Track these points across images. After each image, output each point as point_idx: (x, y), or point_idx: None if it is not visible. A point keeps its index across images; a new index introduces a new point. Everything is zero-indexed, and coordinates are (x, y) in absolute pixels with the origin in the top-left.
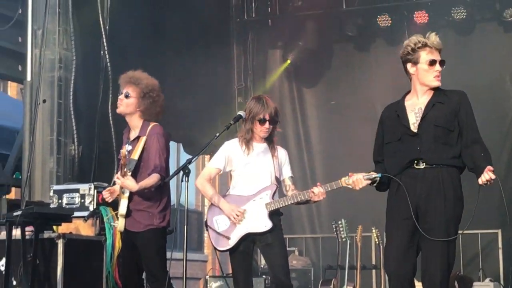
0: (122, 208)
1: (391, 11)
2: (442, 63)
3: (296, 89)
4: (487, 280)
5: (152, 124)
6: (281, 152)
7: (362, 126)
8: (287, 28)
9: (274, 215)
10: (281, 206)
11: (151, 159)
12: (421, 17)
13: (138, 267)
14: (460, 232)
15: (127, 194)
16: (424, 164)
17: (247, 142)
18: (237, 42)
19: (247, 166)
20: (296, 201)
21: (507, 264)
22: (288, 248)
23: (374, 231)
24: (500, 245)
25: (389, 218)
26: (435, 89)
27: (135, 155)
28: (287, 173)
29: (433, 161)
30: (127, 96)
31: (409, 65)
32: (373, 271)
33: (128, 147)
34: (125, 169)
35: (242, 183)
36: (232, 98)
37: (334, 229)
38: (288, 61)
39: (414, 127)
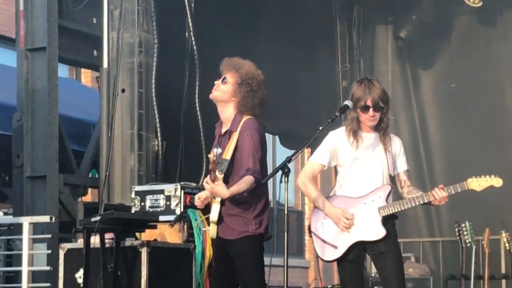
0: (214, 214)
1: None
2: None
3: (410, 71)
4: None
5: (245, 118)
6: (395, 142)
7: (490, 114)
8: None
9: (388, 220)
10: (397, 211)
11: (244, 159)
12: None
13: (233, 280)
14: None
15: (219, 199)
16: None
17: (355, 133)
18: (341, 18)
19: (356, 161)
20: (413, 205)
21: None
22: (403, 254)
23: (504, 234)
24: None
25: None
26: None
27: (227, 155)
28: (402, 166)
29: None
30: (224, 81)
31: None
32: (503, 281)
33: (217, 150)
34: (216, 173)
35: (350, 182)
36: (335, 82)
37: (457, 233)
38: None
39: None
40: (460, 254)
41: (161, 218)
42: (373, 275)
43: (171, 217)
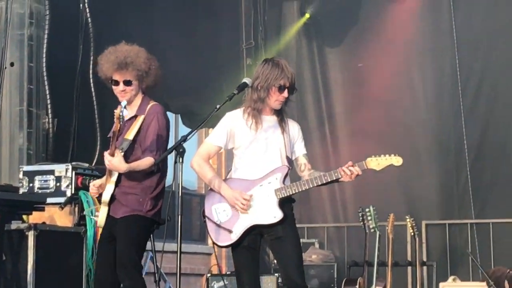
0: (106, 194)
1: None
2: None
3: (316, 49)
4: None
5: (152, 103)
6: (294, 127)
7: (397, 93)
8: None
9: (285, 203)
10: (294, 192)
11: (147, 141)
12: None
13: (115, 263)
14: (509, 221)
15: (114, 178)
16: None
17: (255, 115)
18: None
19: (253, 144)
20: (313, 185)
21: None
22: (306, 240)
23: (408, 220)
24: None
25: None
26: None
27: (130, 135)
28: (300, 150)
29: None
30: (129, 84)
31: None
32: (408, 268)
33: (124, 111)
34: (116, 147)
35: (247, 165)
36: (239, 59)
37: (361, 218)
38: (307, 15)
39: None
40: (364, 240)
41: (50, 200)
42: (275, 262)
43: (61, 199)
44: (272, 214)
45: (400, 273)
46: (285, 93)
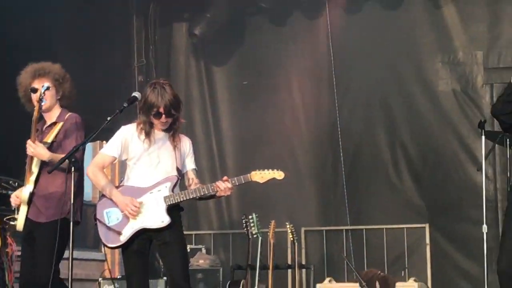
0: (25, 192)
1: None
2: None
3: (204, 68)
4: (411, 280)
5: (70, 113)
6: (185, 142)
7: (278, 110)
8: None
9: (173, 210)
10: (182, 200)
11: (66, 143)
12: None
13: None
14: (383, 227)
15: (33, 178)
16: None
17: (148, 130)
18: (137, 14)
19: (145, 156)
20: (199, 195)
21: (435, 263)
22: (194, 246)
23: (288, 226)
24: (427, 241)
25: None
26: None
27: (49, 138)
28: (190, 165)
29: None
30: (47, 89)
31: None
32: (288, 271)
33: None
34: (36, 137)
35: (139, 174)
36: (131, 77)
37: (244, 225)
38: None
39: None
40: (248, 245)
41: None
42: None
43: None
44: (160, 219)
45: (281, 276)
46: (162, 118)
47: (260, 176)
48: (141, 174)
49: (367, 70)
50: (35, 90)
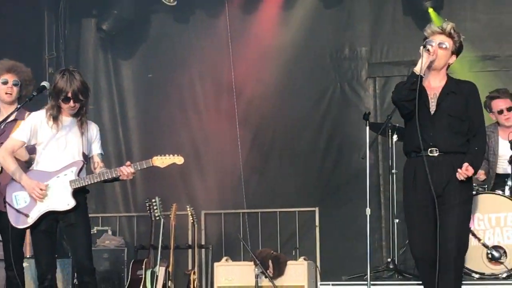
0: None
1: None
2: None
3: (111, 61)
4: (301, 259)
5: (29, 112)
6: (92, 128)
7: (181, 101)
8: None
9: (79, 193)
10: (87, 183)
11: None
12: None
13: None
14: (277, 210)
15: None
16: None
17: (56, 116)
18: (49, 9)
19: (53, 141)
20: (103, 179)
21: (323, 243)
22: (101, 228)
23: (189, 209)
24: (317, 223)
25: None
26: (448, 77)
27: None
28: (96, 150)
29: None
30: (16, 84)
31: None
32: (189, 250)
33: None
34: None
35: (47, 159)
36: (42, 69)
37: (148, 208)
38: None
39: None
40: (151, 227)
41: None
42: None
43: None
44: (66, 202)
45: (181, 255)
46: (71, 103)
47: (161, 161)
48: (49, 159)
49: (263, 65)
50: (6, 82)
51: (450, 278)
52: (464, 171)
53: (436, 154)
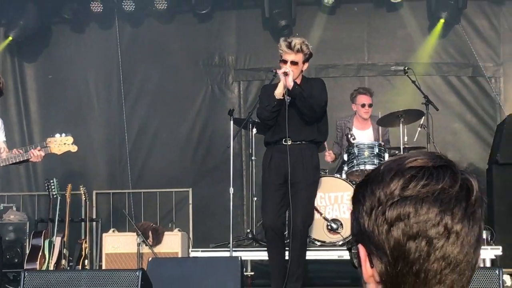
0: None
1: None
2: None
3: (17, 64)
4: (176, 230)
5: None
6: None
7: (77, 98)
8: (11, 8)
9: None
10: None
11: None
12: (128, 5)
13: None
14: (157, 190)
15: None
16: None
17: None
18: None
19: None
20: (16, 161)
21: (195, 217)
22: (6, 204)
23: (82, 189)
24: (190, 201)
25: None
26: (302, 78)
27: None
28: (0, 137)
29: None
30: None
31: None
32: (82, 223)
33: None
34: None
35: None
36: None
37: (47, 187)
38: (10, 38)
39: None
40: (49, 204)
41: None
42: None
43: None
44: None
45: (76, 227)
46: None
47: (58, 148)
48: None
49: (148, 69)
50: None
51: (296, 246)
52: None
53: (289, 143)
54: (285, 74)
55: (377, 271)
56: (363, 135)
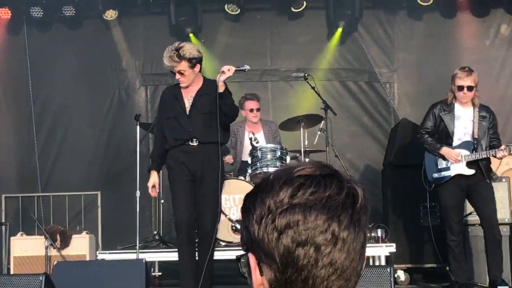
0: None
1: (10, 5)
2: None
3: None
4: (84, 232)
5: None
6: None
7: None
8: None
9: None
10: None
11: None
12: (36, 11)
13: None
14: (66, 193)
15: None
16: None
17: None
18: None
19: None
20: None
21: (104, 220)
22: None
23: None
24: (99, 204)
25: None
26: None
27: None
28: None
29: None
30: None
31: None
32: None
33: None
34: None
35: None
36: None
37: None
38: None
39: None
40: None
41: None
42: None
43: None
44: None
45: None
46: None
47: None
48: None
49: (56, 75)
50: None
51: (207, 246)
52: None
53: (195, 144)
54: (222, 72)
55: (266, 279)
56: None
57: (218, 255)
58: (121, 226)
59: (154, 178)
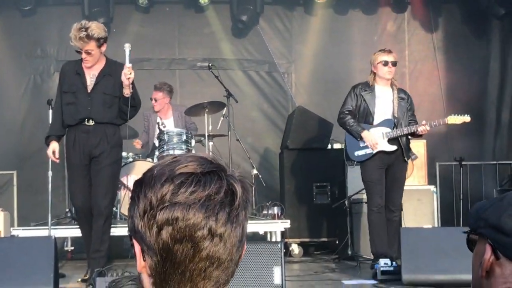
0: None
1: None
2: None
3: None
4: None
5: None
6: None
7: None
8: None
9: None
10: None
11: None
12: None
13: None
14: None
15: None
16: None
17: None
18: None
19: None
20: None
21: (20, 198)
22: None
23: None
24: (15, 183)
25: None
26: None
27: None
28: None
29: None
30: None
31: None
32: None
33: None
34: None
35: None
36: None
37: None
38: None
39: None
40: None
41: None
42: None
43: None
44: None
45: None
46: None
47: None
48: None
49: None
50: None
51: (100, 223)
52: None
53: (91, 124)
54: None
55: (147, 266)
56: (167, 123)
57: (124, 231)
58: (36, 204)
59: (53, 145)
